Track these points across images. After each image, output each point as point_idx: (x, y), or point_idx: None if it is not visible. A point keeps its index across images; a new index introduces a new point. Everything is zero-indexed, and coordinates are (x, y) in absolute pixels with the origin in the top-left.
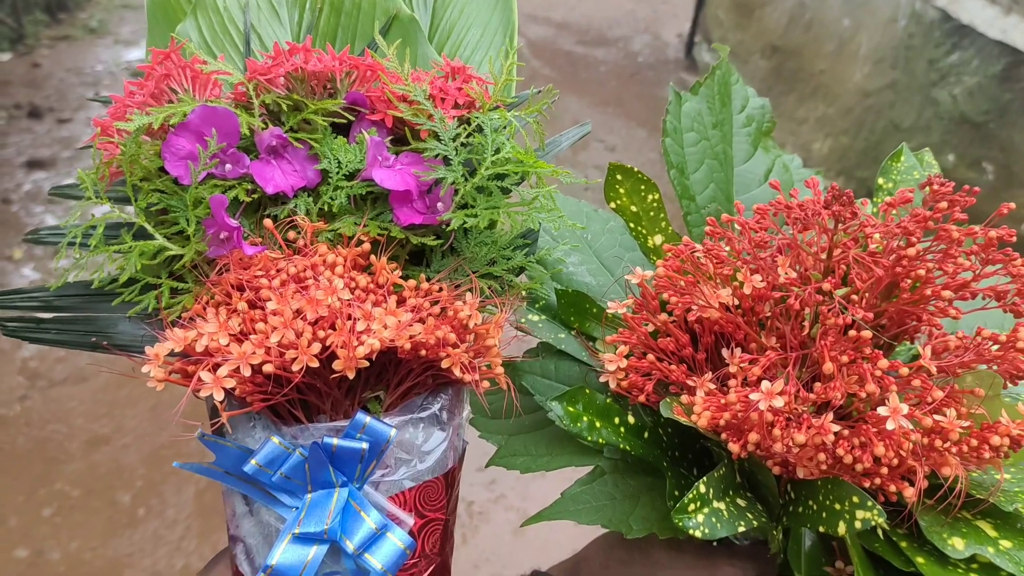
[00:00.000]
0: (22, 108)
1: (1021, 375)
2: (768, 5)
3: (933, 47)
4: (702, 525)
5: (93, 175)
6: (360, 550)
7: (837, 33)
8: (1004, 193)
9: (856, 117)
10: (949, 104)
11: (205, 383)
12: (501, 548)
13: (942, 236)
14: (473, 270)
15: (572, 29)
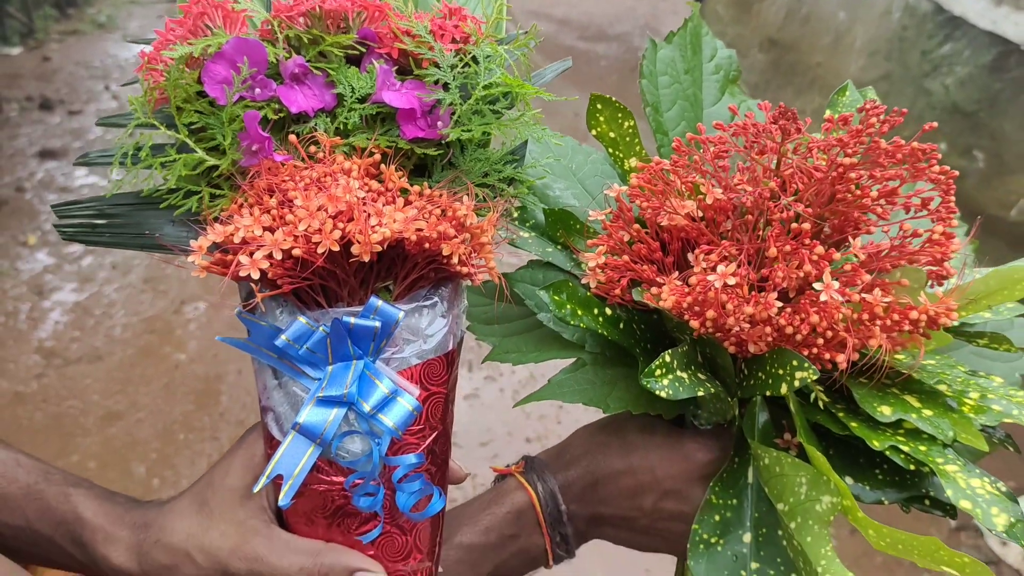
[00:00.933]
0: (33, 100)
1: (943, 273)
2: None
3: (926, 39)
4: (667, 388)
5: (141, 99)
6: (375, 411)
7: (833, 26)
8: (994, 180)
9: None
10: (941, 94)
11: (243, 265)
12: None
13: (872, 148)
14: (469, 180)
15: (573, 25)
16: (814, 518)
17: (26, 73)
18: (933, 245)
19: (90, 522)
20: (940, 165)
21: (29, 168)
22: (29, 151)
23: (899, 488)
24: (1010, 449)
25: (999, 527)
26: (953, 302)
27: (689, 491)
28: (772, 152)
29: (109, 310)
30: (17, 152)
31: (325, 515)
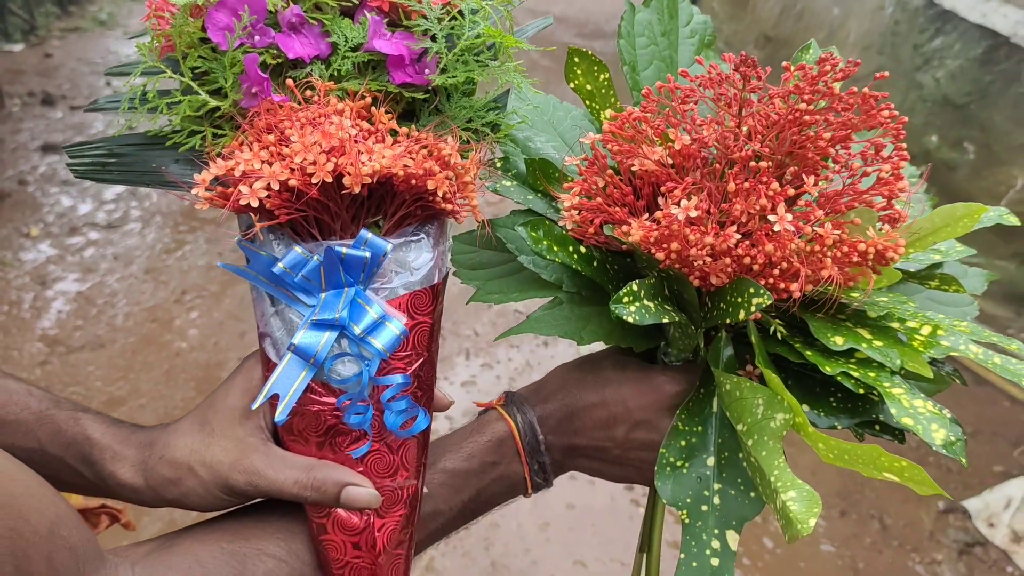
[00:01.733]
0: (35, 96)
1: (895, 216)
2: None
3: (918, 32)
4: (633, 314)
5: (150, 45)
6: (365, 334)
7: (827, 22)
8: (984, 171)
9: None
10: (933, 87)
11: (244, 194)
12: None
13: (827, 94)
14: (455, 124)
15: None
16: (769, 434)
17: (28, 69)
18: (883, 185)
19: (98, 442)
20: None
21: (32, 162)
22: (31, 145)
23: (851, 414)
24: (957, 381)
25: (937, 441)
26: (900, 237)
27: (658, 421)
28: (735, 100)
29: (111, 299)
30: (20, 146)
31: (318, 434)
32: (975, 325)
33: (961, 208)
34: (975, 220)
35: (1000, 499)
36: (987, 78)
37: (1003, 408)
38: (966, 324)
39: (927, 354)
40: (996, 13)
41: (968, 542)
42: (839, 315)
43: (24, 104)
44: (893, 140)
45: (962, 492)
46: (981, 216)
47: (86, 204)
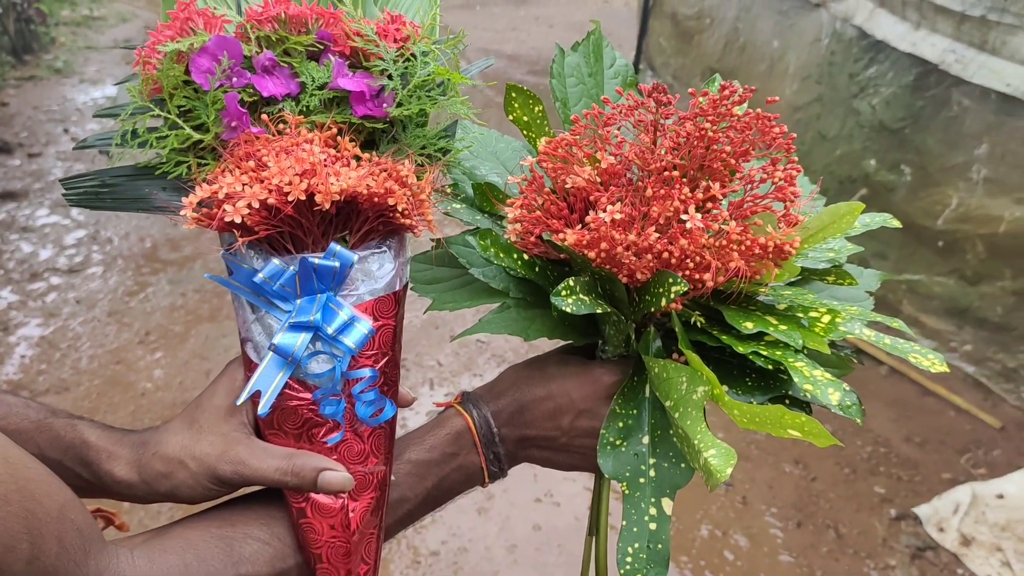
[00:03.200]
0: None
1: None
2: (705, 31)
3: (852, 62)
4: (571, 305)
5: (139, 87)
6: (336, 333)
7: (768, 54)
8: (921, 192)
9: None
10: (869, 113)
11: (227, 212)
12: (464, 523)
13: (727, 115)
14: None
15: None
16: (692, 405)
17: None
18: (778, 189)
19: (95, 444)
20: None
21: None
22: None
23: (764, 391)
24: (855, 362)
25: (833, 402)
26: (795, 234)
27: (599, 409)
28: (650, 122)
29: (75, 343)
30: None
31: (295, 427)
32: (864, 309)
33: (844, 207)
34: (855, 216)
35: (949, 505)
36: (919, 103)
37: (949, 418)
38: (856, 308)
39: (828, 338)
40: (924, 42)
41: (920, 547)
42: (750, 307)
43: None
44: (786, 154)
45: (913, 499)
46: (859, 213)
47: (47, 249)
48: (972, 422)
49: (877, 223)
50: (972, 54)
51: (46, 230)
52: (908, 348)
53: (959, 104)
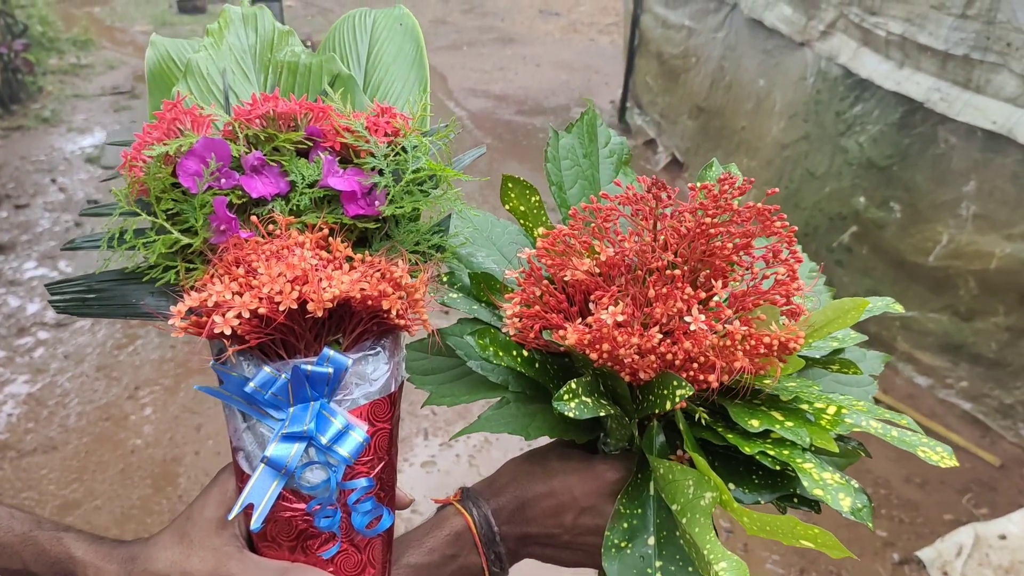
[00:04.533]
0: None
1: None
2: (692, 70)
3: (839, 100)
4: (574, 409)
5: (125, 191)
6: (331, 443)
7: (754, 92)
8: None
9: (776, 168)
10: (856, 151)
11: (217, 324)
12: None
13: (727, 208)
14: (404, 248)
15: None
16: (700, 512)
17: None
18: (781, 285)
19: (81, 560)
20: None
21: None
22: None
23: (771, 490)
24: (862, 454)
25: (845, 509)
26: (799, 330)
27: (602, 506)
28: (650, 215)
29: (63, 400)
30: None
31: (290, 539)
32: (872, 404)
33: (848, 303)
34: (860, 313)
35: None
36: (906, 141)
37: None
38: (863, 404)
39: (834, 431)
40: (909, 81)
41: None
42: (754, 400)
43: None
44: (787, 246)
45: (915, 542)
46: (865, 309)
47: (34, 303)
48: (971, 460)
49: (880, 308)
50: (957, 92)
51: (33, 283)
52: (916, 442)
53: (946, 142)
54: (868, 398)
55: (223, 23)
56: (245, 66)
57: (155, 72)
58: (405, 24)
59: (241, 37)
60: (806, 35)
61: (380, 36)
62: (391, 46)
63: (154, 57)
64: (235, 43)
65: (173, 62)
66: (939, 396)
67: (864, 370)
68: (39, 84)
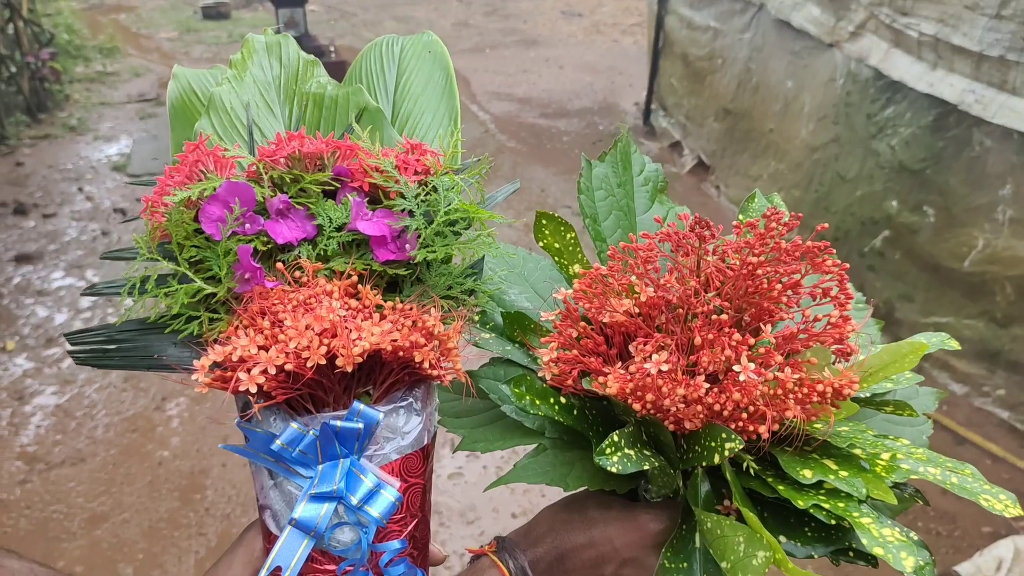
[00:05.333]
0: (7, 206)
1: (847, 350)
2: (718, 72)
3: (869, 102)
4: (616, 463)
5: (145, 238)
6: (361, 503)
7: (782, 94)
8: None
9: (806, 171)
10: (888, 154)
11: (242, 381)
12: None
13: (775, 247)
14: (435, 294)
15: (534, 103)
16: (752, 571)
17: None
18: (834, 327)
19: None
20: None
21: (6, 273)
22: (5, 256)
23: (826, 543)
24: (919, 502)
25: (908, 569)
26: (854, 375)
27: (645, 558)
28: (692, 254)
29: (90, 411)
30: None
31: None
32: (931, 452)
33: (906, 346)
34: (918, 357)
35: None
36: (940, 144)
37: (986, 467)
38: (922, 451)
39: (889, 479)
40: (943, 82)
41: None
42: (805, 447)
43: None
44: (838, 284)
45: (953, 557)
46: (923, 352)
47: (62, 314)
48: (1010, 471)
49: (936, 346)
50: (992, 94)
51: (61, 292)
52: (978, 490)
53: (981, 144)
54: (923, 439)
55: (246, 53)
56: (269, 99)
57: (177, 106)
58: (434, 51)
59: (265, 68)
60: (835, 36)
61: (408, 65)
62: (420, 75)
63: (176, 90)
64: (259, 75)
65: (195, 95)
66: (975, 404)
67: (917, 408)
68: (66, 92)
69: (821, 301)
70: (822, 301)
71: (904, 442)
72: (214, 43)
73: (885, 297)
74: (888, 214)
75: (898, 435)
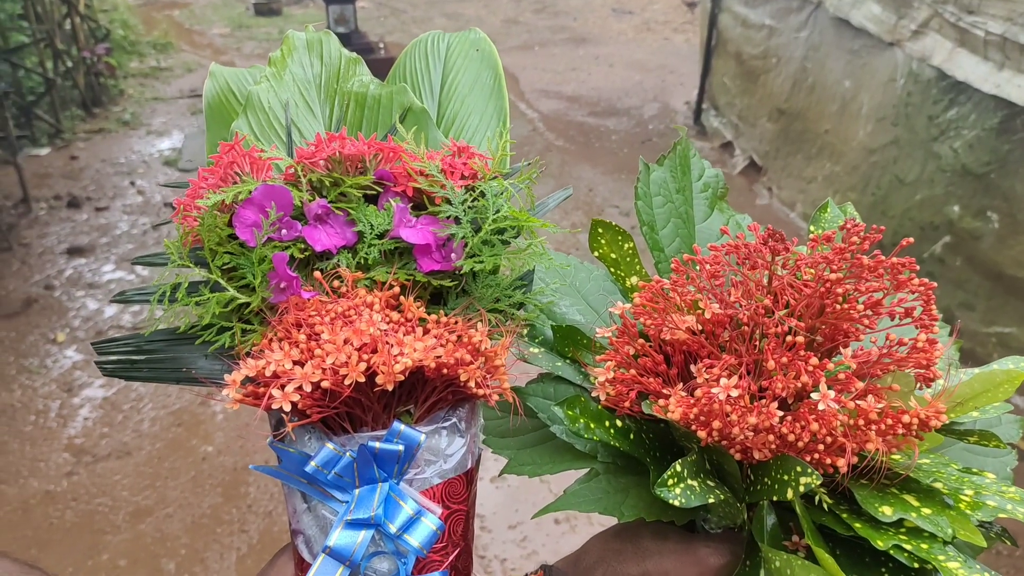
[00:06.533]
0: (61, 199)
1: (930, 376)
2: (772, 71)
3: (931, 104)
4: (679, 496)
5: (177, 243)
6: (400, 531)
7: (839, 94)
8: (1010, 239)
9: (863, 173)
10: (951, 157)
11: (275, 398)
12: None
13: (855, 263)
14: (482, 307)
15: (583, 102)
16: None
17: (54, 172)
18: (919, 352)
19: None
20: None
21: (58, 266)
22: (58, 249)
23: None
24: (1007, 543)
25: None
26: (942, 405)
27: None
28: (763, 269)
29: (137, 404)
30: (46, 250)
31: None
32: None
33: (1000, 374)
34: (1015, 387)
35: None
36: (1006, 147)
37: None
38: (1015, 490)
39: (975, 516)
40: (1010, 83)
41: None
42: (885, 481)
43: (50, 208)
44: (923, 303)
45: None
46: (1021, 381)
47: (112, 307)
48: None
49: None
50: None
51: (112, 286)
52: None
53: None
54: (1007, 471)
55: (286, 50)
56: (309, 98)
57: (214, 105)
58: (482, 49)
59: (305, 66)
60: (896, 35)
61: (455, 63)
62: (467, 75)
63: (213, 89)
64: (299, 73)
65: (233, 94)
66: None
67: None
68: (120, 87)
69: (902, 322)
70: (902, 322)
71: (991, 477)
72: (265, 39)
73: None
74: (949, 219)
75: (980, 466)
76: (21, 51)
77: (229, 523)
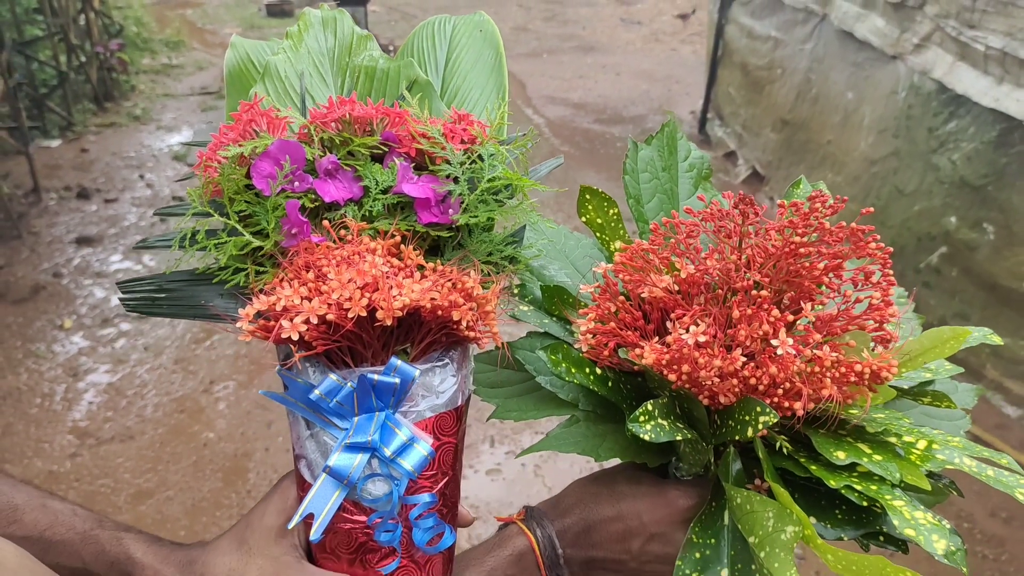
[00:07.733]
0: (72, 190)
1: (886, 336)
2: (776, 81)
3: (931, 116)
4: (649, 432)
5: (198, 191)
6: (394, 455)
7: (842, 106)
8: (1005, 251)
9: (863, 184)
10: (949, 169)
11: (285, 328)
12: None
13: (818, 228)
14: (476, 259)
15: (589, 109)
16: (780, 546)
17: (65, 164)
18: (874, 310)
19: (140, 561)
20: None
21: (67, 254)
22: (67, 238)
23: (856, 526)
24: (953, 492)
25: (939, 551)
26: (893, 359)
27: (672, 534)
28: (735, 232)
29: (141, 390)
30: (55, 239)
31: (349, 551)
32: (967, 441)
33: (947, 331)
34: (959, 343)
35: None
36: (1003, 160)
37: None
38: (959, 439)
39: (924, 467)
40: (1008, 97)
41: None
42: (840, 431)
43: (60, 198)
44: (881, 268)
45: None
46: (966, 339)
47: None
48: None
49: (977, 339)
50: None
51: (119, 275)
52: (1014, 483)
53: None
54: (960, 433)
55: (303, 26)
56: (323, 69)
57: (234, 73)
58: (485, 30)
59: (320, 40)
60: (899, 48)
61: (459, 42)
62: (470, 53)
63: (234, 59)
64: (314, 46)
65: (252, 64)
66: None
67: (956, 403)
68: (132, 83)
69: (863, 287)
70: (864, 287)
71: (940, 432)
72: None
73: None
74: (946, 230)
75: (935, 428)
76: (35, 44)
77: (228, 507)
